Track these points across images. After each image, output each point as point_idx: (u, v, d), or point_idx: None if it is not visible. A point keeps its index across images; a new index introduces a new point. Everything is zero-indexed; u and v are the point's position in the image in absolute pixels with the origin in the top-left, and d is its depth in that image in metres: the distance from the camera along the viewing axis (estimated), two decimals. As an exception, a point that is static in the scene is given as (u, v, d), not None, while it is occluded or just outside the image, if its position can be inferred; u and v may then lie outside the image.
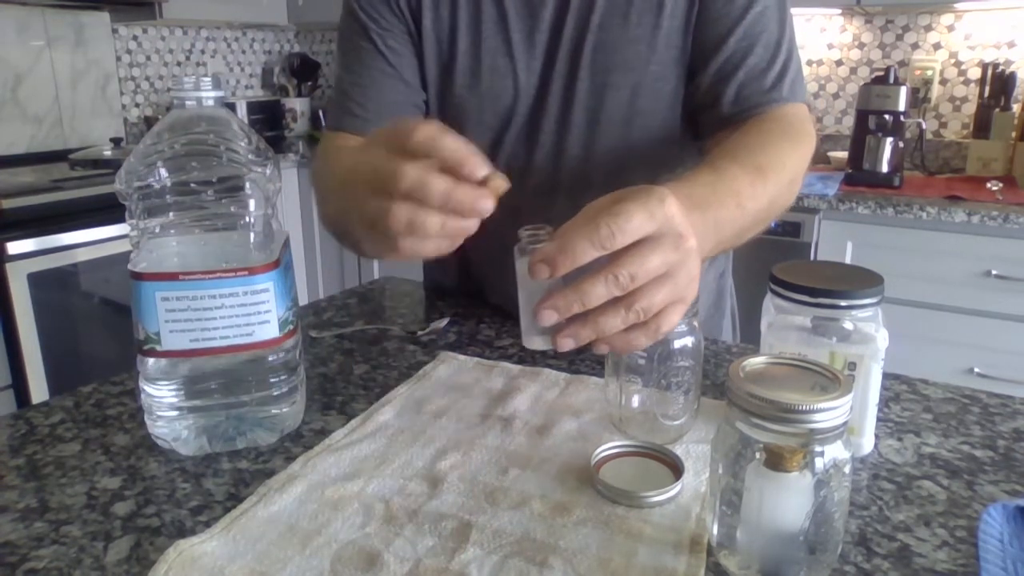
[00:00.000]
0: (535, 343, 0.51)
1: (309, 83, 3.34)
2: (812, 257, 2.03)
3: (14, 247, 1.80)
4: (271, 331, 0.58)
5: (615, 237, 0.44)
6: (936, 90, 2.33)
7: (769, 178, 0.65)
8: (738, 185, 0.62)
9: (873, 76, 2.19)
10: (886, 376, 0.66)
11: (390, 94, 0.84)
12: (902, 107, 2.03)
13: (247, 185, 0.57)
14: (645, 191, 0.47)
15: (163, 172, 0.55)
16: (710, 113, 0.79)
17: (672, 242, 0.46)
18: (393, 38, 0.84)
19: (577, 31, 0.79)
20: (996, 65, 2.19)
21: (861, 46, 2.44)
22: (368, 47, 0.84)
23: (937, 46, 2.33)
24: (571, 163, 0.82)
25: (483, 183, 0.48)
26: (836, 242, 2.00)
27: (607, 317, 0.46)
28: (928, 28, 2.33)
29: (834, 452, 0.41)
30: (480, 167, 0.47)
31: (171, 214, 0.56)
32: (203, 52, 3.09)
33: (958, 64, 2.31)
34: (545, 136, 0.82)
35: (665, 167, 0.83)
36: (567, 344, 0.47)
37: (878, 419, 0.61)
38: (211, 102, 0.57)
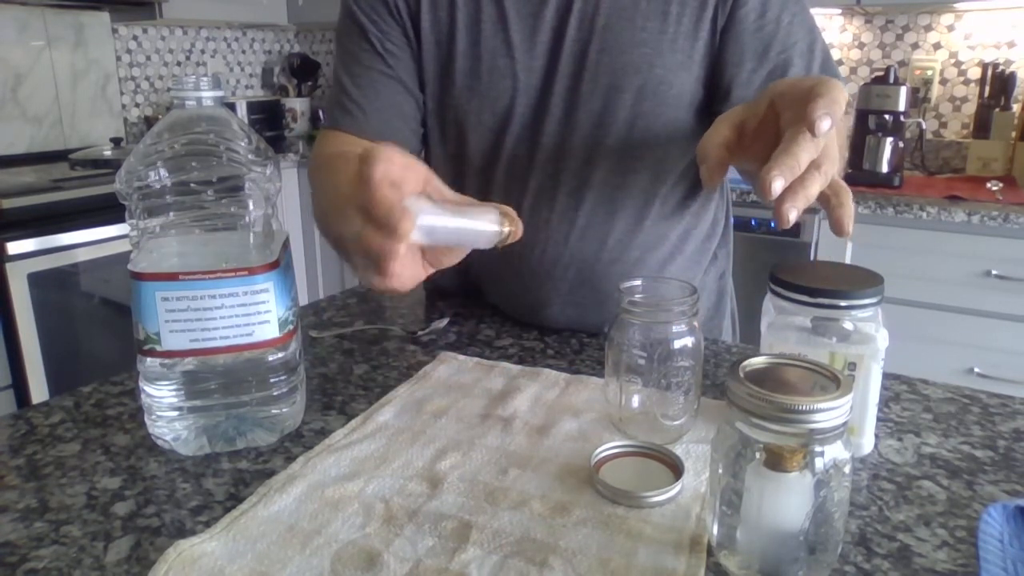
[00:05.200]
0: None
1: (309, 83, 3.34)
2: (812, 257, 2.03)
3: (14, 247, 1.80)
4: (271, 331, 0.58)
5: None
6: (936, 90, 2.33)
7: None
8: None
9: (873, 76, 2.19)
10: (886, 376, 0.66)
11: (388, 96, 0.84)
12: (902, 107, 2.03)
13: (247, 185, 0.57)
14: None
15: (163, 172, 0.55)
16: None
17: (837, 94, 0.50)
18: (391, 41, 0.84)
19: (582, 33, 0.79)
20: (996, 65, 2.19)
21: (861, 46, 2.44)
22: (367, 48, 0.84)
23: (937, 46, 2.33)
24: (573, 164, 0.82)
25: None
26: (836, 242, 2.00)
27: (811, 181, 0.49)
28: (928, 28, 2.33)
29: (834, 452, 0.41)
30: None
31: (171, 214, 0.56)
32: (203, 52, 3.09)
33: (958, 64, 2.31)
34: (547, 137, 0.82)
35: (666, 169, 0.84)
36: (792, 216, 0.49)
37: (878, 419, 0.61)
38: (211, 102, 0.57)
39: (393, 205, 0.46)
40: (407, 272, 0.49)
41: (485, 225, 0.50)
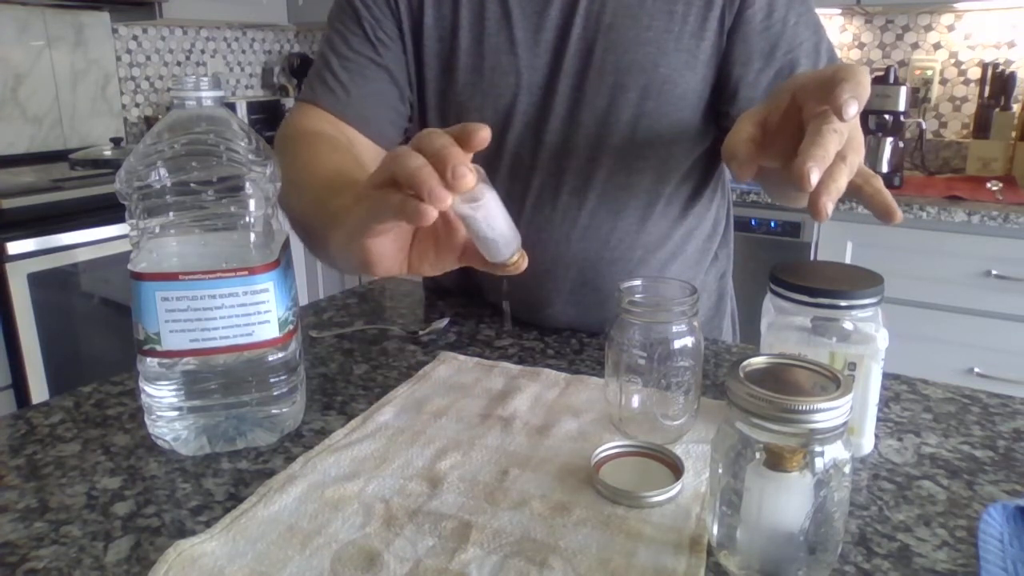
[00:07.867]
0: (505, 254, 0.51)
1: (309, 83, 3.34)
2: (812, 257, 2.03)
3: (14, 247, 1.80)
4: (271, 331, 0.58)
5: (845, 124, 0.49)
6: (936, 90, 2.33)
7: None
8: None
9: (873, 76, 2.19)
10: (886, 376, 0.66)
11: (374, 83, 0.84)
12: (902, 107, 2.03)
13: (247, 185, 0.57)
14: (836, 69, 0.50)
15: (163, 172, 0.55)
16: None
17: (861, 77, 0.49)
18: (383, 30, 0.84)
19: (587, 31, 0.79)
20: (996, 65, 2.19)
21: (861, 46, 2.44)
22: (358, 33, 0.84)
23: (937, 46, 2.33)
24: (576, 163, 0.82)
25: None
26: (836, 242, 2.00)
27: (839, 172, 0.49)
28: (928, 28, 2.33)
29: (834, 452, 0.41)
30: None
31: (171, 214, 0.56)
32: (203, 52, 3.09)
33: (958, 64, 2.31)
34: (550, 135, 0.82)
35: (670, 169, 0.84)
36: (829, 208, 0.49)
37: (878, 419, 0.61)
38: (211, 102, 0.57)
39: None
40: (388, 252, 0.51)
41: (512, 238, 0.50)
